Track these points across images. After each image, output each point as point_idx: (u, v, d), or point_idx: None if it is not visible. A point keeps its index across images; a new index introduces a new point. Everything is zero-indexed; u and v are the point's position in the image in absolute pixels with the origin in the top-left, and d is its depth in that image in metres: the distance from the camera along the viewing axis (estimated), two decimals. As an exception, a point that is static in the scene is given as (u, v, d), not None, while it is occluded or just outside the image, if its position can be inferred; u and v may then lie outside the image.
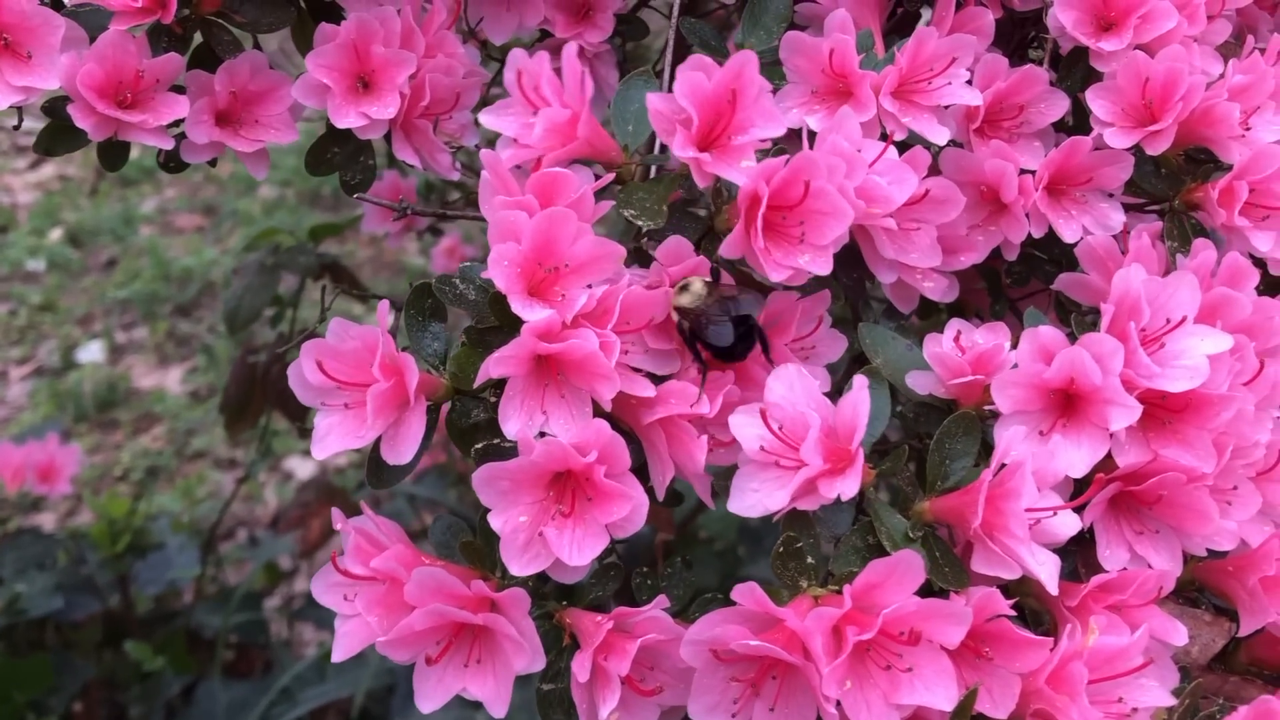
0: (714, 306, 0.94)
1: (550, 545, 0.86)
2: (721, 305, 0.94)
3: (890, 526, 0.92)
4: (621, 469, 0.87)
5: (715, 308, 0.94)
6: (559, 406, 0.89)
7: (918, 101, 1.12)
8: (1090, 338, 0.93)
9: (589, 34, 1.28)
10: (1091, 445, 0.94)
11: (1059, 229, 1.13)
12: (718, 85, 0.95)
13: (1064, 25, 1.16)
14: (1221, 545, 0.97)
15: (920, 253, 1.09)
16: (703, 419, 0.91)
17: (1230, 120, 1.11)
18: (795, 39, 1.11)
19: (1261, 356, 1.01)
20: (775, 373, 0.92)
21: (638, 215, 0.98)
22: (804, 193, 0.93)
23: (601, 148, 1.01)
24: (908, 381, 1.01)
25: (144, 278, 4.62)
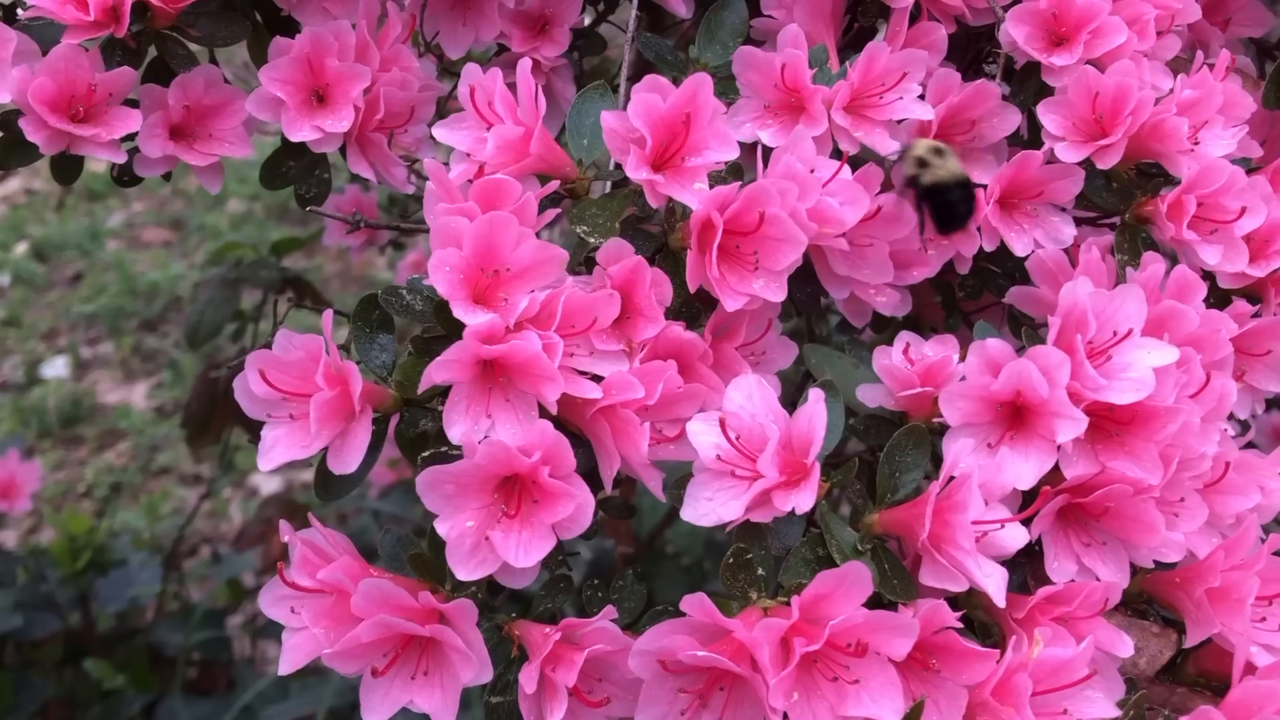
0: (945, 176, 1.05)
1: (497, 548, 0.86)
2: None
3: (840, 539, 0.92)
4: (566, 470, 0.87)
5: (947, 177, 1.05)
6: (504, 410, 0.89)
7: (870, 116, 1.12)
8: (1037, 351, 0.94)
9: (545, 49, 1.28)
10: (1039, 457, 0.94)
11: (1010, 243, 1.14)
12: (672, 107, 0.96)
13: (1016, 40, 1.17)
14: (1169, 557, 0.98)
15: (872, 269, 1.10)
16: (647, 409, 0.91)
17: (1179, 135, 1.12)
18: (748, 54, 1.11)
19: (1208, 369, 1.02)
20: (735, 382, 0.92)
21: (590, 231, 0.98)
22: (759, 221, 0.93)
23: (555, 163, 1.01)
24: (858, 394, 1.02)
25: (110, 292, 4.59)
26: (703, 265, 0.93)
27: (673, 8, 1.31)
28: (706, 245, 0.93)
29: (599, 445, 0.92)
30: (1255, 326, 1.12)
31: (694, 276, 0.94)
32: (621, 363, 0.94)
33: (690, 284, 0.94)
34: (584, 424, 0.92)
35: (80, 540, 2.76)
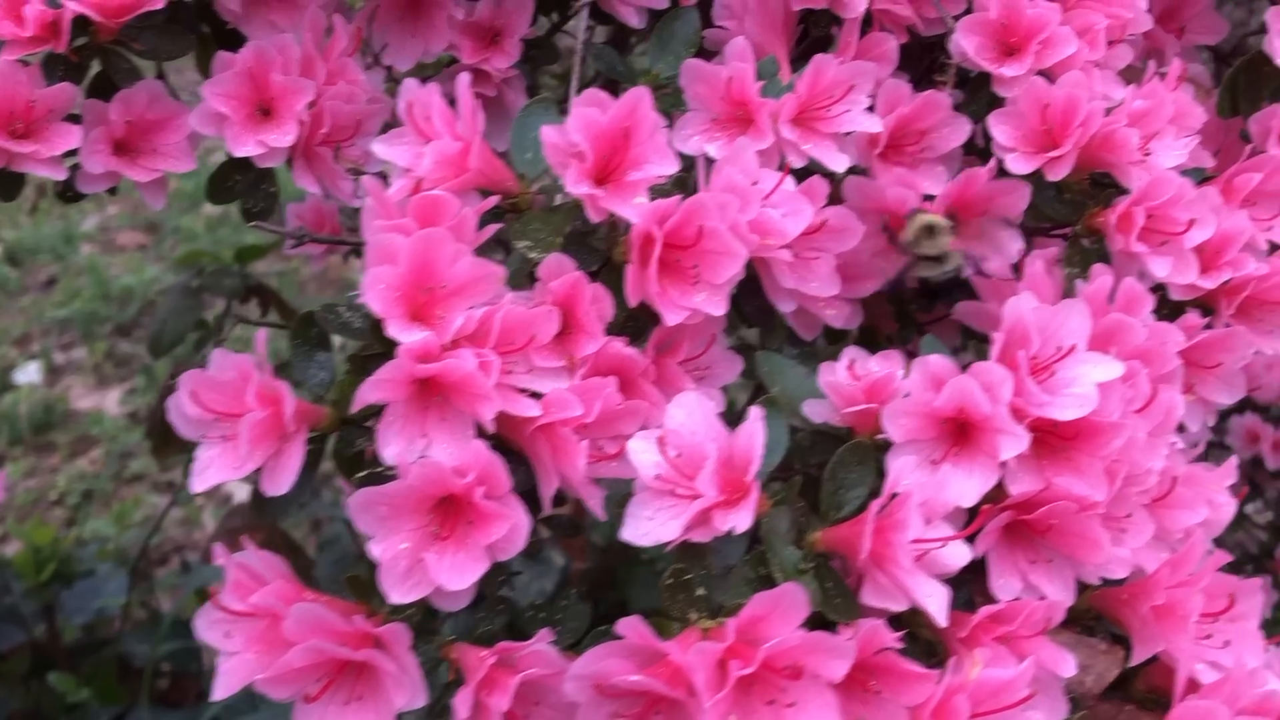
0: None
1: (429, 570, 0.85)
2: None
3: (782, 557, 0.91)
4: (502, 490, 0.86)
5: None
6: (440, 429, 0.88)
7: (818, 129, 1.12)
8: (979, 367, 0.93)
9: (496, 59, 1.27)
10: (983, 474, 0.93)
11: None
12: (612, 121, 0.95)
13: (966, 51, 1.17)
14: (1115, 574, 0.98)
15: (820, 281, 1.09)
16: (587, 426, 0.90)
17: (1129, 146, 1.11)
18: (694, 66, 1.10)
19: (1156, 383, 1.02)
20: (676, 399, 0.91)
21: (532, 246, 0.97)
22: (698, 235, 0.92)
23: (496, 178, 1.00)
24: (804, 409, 1.01)
25: (84, 297, 4.55)
26: (643, 279, 0.93)
27: (624, 17, 1.30)
28: (646, 259, 0.92)
29: (538, 463, 0.91)
30: (1206, 339, 1.12)
31: (634, 290, 0.93)
32: (562, 379, 0.93)
33: (630, 298, 0.93)
34: (524, 442, 0.91)
35: (45, 551, 2.73)
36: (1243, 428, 2.53)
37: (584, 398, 0.89)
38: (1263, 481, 2.65)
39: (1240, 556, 2.82)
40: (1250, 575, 2.56)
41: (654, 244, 0.92)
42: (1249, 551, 2.82)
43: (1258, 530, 2.84)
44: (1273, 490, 2.71)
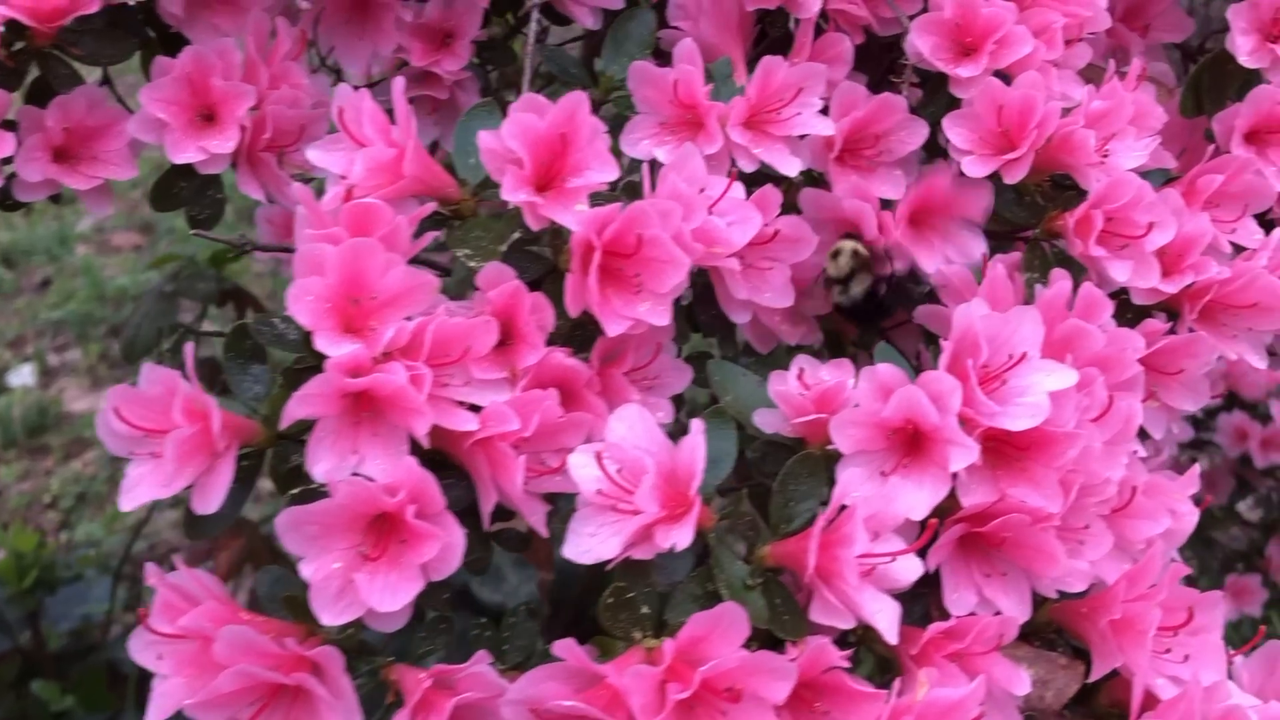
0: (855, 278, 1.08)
1: (360, 592, 0.82)
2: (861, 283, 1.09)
3: (730, 573, 0.89)
4: (435, 508, 0.84)
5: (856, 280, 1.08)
6: (373, 445, 0.85)
7: (770, 132, 1.09)
8: (928, 376, 0.91)
9: (447, 62, 1.24)
10: (933, 486, 0.91)
11: (920, 261, 1.12)
12: (550, 126, 0.93)
13: (922, 51, 1.14)
14: (1073, 587, 0.95)
15: (774, 292, 1.07)
16: (525, 441, 0.87)
17: (1087, 147, 1.09)
18: (641, 69, 1.08)
19: (1115, 390, 0.99)
20: (617, 412, 0.89)
21: (472, 255, 0.95)
22: (638, 243, 0.90)
23: (435, 184, 0.98)
24: (754, 420, 0.99)
25: (78, 298, 4.51)
26: (583, 288, 0.90)
27: (579, 18, 1.27)
28: (586, 268, 0.90)
29: (477, 478, 0.89)
30: (1167, 344, 1.10)
31: (574, 300, 0.91)
32: (502, 392, 0.91)
33: (571, 308, 0.91)
34: (462, 456, 0.89)
35: (28, 558, 2.71)
36: (1231, 425, 2.52)
37: (523, 411, 0.87)
38: (1252, 479, 2.64)
39: (1230, 554, 2.80)
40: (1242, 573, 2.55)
41: (594, 252, 0.90)
42: (1239, 549, 2.81)
43: (1249, 528, 2.83)
44: (1262, 487, 2.70)
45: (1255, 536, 2.77)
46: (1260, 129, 1.20)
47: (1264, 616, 2.80)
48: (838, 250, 1.09)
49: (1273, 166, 1.19)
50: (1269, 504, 2.73)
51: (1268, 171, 1.19)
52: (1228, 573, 2.73)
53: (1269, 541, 2.72)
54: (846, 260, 1.09)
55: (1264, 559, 2.71)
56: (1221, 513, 2.68)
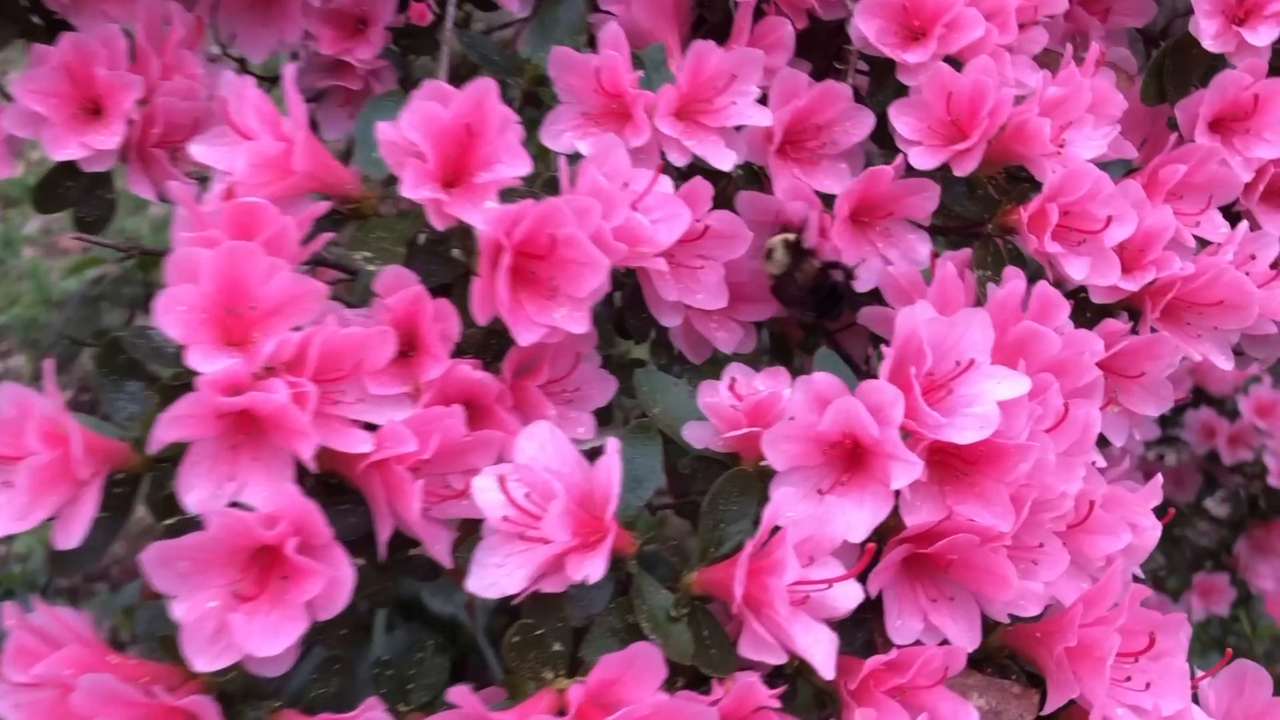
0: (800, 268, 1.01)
1: (235, 634, 0.74)
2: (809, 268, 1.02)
3: (652, 604, 0.82)
4: (321, 540, 0.76)
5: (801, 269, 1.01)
6: (254, 470, 0.77)
7: (703, 123, 1.02)
8: (868, 386, 0.83)
9: (360, 50, 1.16)
10: (874, 505, 0.84)
11: (859, 268, 1.04)
12: (455, 116, 0.85)
13: (867, 36, 1.07)
14: (1027, 610, 0.88)
15: (707, 293, 0.99)
16: (425, 463, 0.80)
17: (1041, 136, 1.02)
18: (562, 55, 1.00)
19: (1072, 396, 0.92)
20: (526, 430, 0.81)
21: (373, 257, 0.87)
22: (551, 243, 0.82)
23: (331, 181, 0.89)
24: (684, 434, 0.91)
25: (23, 302, 4.37)
26: (491, 293, 0.82)
27: (505, 3, 1.19)
28: (495, 270, 0.82)
29: (374, 504, 0.81)
30: (1128, 345, 1.03)
31: (482, 306, 0.83)
32: (402, 409, 0.83)
33: (479, 315, 0.83)
34: (357, 480, 0.81)
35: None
36: (1198, 422, 2.48)
37: (422, 430, 0.79)
38: (1219, 475, 2.61)
39: (1199, 552, 2.76)
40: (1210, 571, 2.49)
41: (503, 253, 0.82)
42: (1208, 548, 2.77)
43: (1217, 524, 2.79)
44: (1230, 484, 2.66)
45: (1224, 534, 2.72)
46: (1225, 116, 1.13)
47: (1232, 615, 2.76)
48: (770, 248, 1.02)
49: (1238, 156, 1.12)
50: (1237, 500, 2.69)
51: (1233, 161, 1.12)
52: (1196, 571, 2.68)
53: (1237, 539, 2.68)
54: (782, 253, 1.01)
55: (1232, 557, 2.66)
56: (1189, 510, 2.64)
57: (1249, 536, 2.66)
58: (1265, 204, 1.14)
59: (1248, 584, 2.67)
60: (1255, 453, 2.47)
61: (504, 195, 0.87)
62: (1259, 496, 2.59)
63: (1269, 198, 1.14)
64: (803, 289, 1.02)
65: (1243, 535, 2.68)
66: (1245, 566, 2.66)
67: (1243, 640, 2.96)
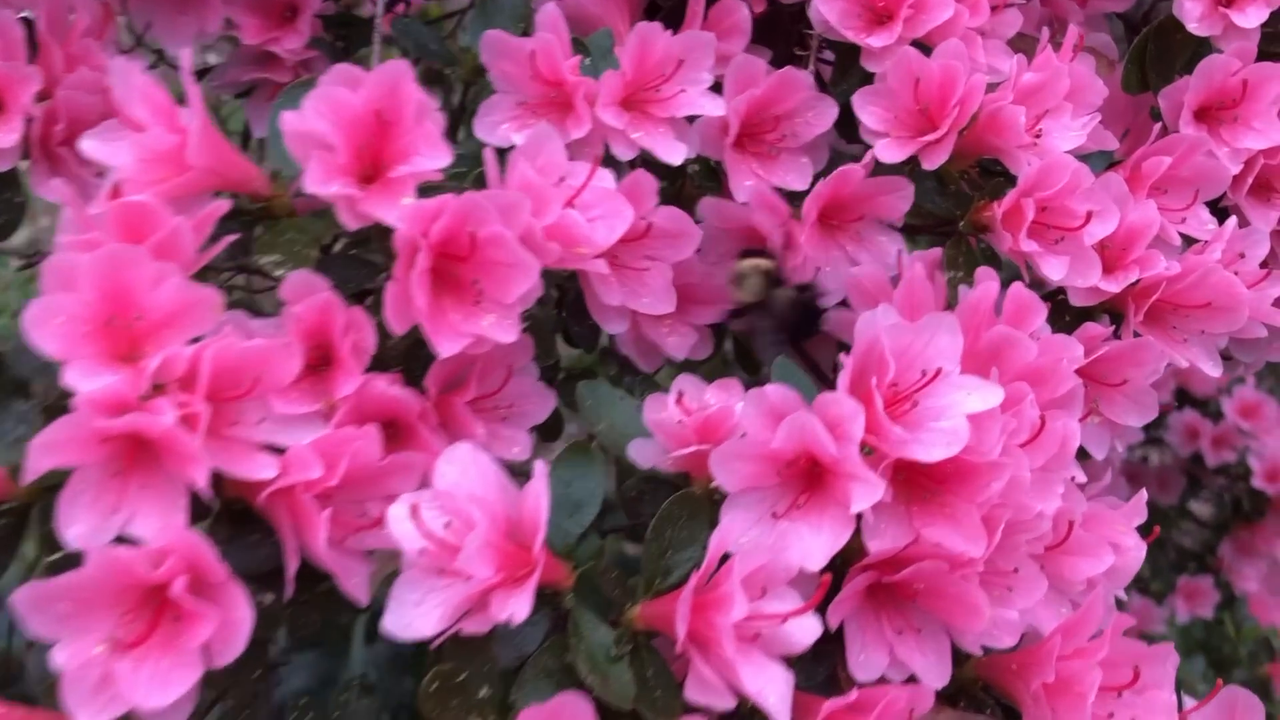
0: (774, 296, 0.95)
1: (120, 684, 0.66)
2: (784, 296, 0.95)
3: (590, 642, 0.74)
4: (216, 577, 0.68)
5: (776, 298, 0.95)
6: (144, 500, 0.69)
7: (652, 113, 0.94)
8: (825, 399, 0.76)
9: (287, 39, 1.08)
10: (834, 529, 0.76)
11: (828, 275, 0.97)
12: (367, 103, 0.77)
13: (828, 19, 1.00)
14: (1001, 641, 0.81)
15: (653, 297, 0.92)
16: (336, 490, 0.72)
17: (1016, 126, 0.95)
18: (495, 39, 0.92)
19: (1048, 408, 0.85)
20: (447, 453, 0.73)
21: (283, 261, 0.79)
22: (471, 243, 0.75)
23: (237, 177, 0.82)
24: (629, 452, 0.84)
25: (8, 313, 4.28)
26: (406, 299, 0.74)
27: (444, -11, 1.11)
28: (412, 273, 0.74)
29: (281, 533, 0.73)
30: (1110, 351, 0.96)
31: (398, 313, 0.75)
32: (312, 429, 0.75)
33: (395, 323, 0.75)
34: (262, 508, 0.73)
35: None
36: (1182, 424, 2.42)
37: (330, 453, 0.71)
38: (1203, 477, 2.56)
39: (1183, 553, 2.71)
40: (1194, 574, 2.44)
41: (416, 255, 0.74)
42: (1192, 550, 2.73)
43: (1201, 526, 2.74)
44: (1213, 486, 2.62)
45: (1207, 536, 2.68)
46: (1211, 105, 1.06)
47: (1216, 618, 2.72)
48: (742, 274, 0.94)
49: (1225, 147, 1.05)
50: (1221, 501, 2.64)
51: (1220, 152, 1.05)
52: (1180, 573, 2.64)
53: (1220, 541, 2.63)
54: (756, 281, 0.94)
55: (1216, 558, 2.61)
56: (1174, 512, 2.59)
57: (1233, 538, 2.62)
58: (1254, 198, 1.07)
59: (1231, 586, 2.63)
60: (1239, 454, 2.42)
61: (425, 190, 0.79)
62: (1243, 498, 2.54)
63: (1258, 191, 1.08)
64: (778, 318, 0.94)
65: (1227, 537, 2.64)
66: (1229, 568, 2.62)
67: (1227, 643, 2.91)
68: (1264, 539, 2.57)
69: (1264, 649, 2.92)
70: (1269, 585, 2.69)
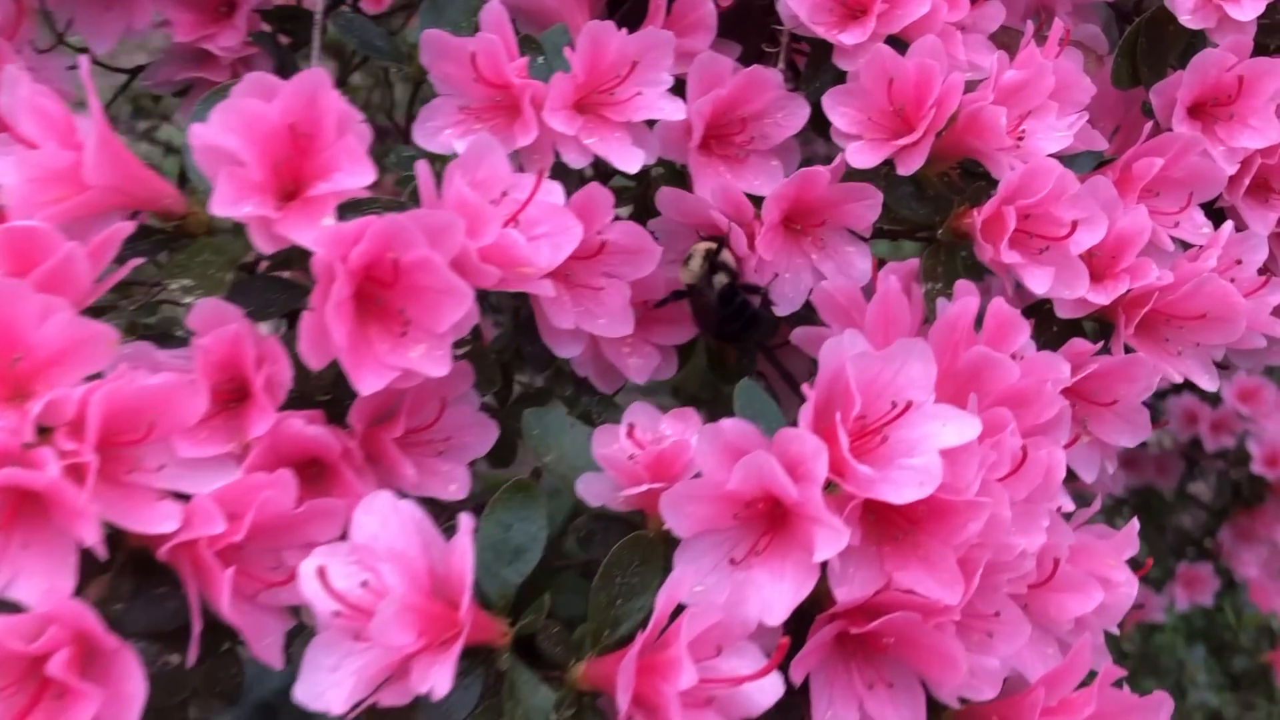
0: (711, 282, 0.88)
1: None
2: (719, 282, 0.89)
3: (528, 705, 0.68)
4: (106, 645, 0.61)
5: (713, 284, 0.88)
6: (27, 560, 0.63)
7: (607, 117, 0.87)
8: (786, 436, 0.69)
9: (223, 36, 1.01)
10: (797, 576, 0.70)
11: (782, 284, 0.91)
12: (283, 114, 0.70)
13: (798, 14, 0.93)
14: (981, 693, 0.75)
15: (610, 317, 0.85)
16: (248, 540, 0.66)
17: (998, 128, 0.88)
18: (434, 39, 0.86)
19: (1031, 435, 0.79)
20: (365, 503, 0.67)
21: (194, 286, 0.73)
22: (394, 269, 0.68)
23: (145, 194, 0.75)
24: (579, 489, 0.77)
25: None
26: (320, 331, 0.68)
27: (390, -19, 1.04)
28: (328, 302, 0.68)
29: (187, 589, 0.67)
30: (1099, 369, 0.89)
31: (313, 346, 0.68)
32: (225, 473, 0.69)
33: (310, 358, 0.69)
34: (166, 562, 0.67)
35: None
36: (1180, 408, 2.38)
37: (238, 501, 0.65)
38: (1202, 461, 2.53)
39: (1182, 536, 2.69)
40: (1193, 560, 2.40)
41: (336, 282, 0.67)
42: (1191, 535, 2.70)
43: (1201, 508, 2.71)
44: (1212, 471, 2.59)
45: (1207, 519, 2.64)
46: (1206, 101, 0.99)
47: (1216, 606, 2.69)
48: (690, 255, 0.88)
49: (1221, 146, 0.99)
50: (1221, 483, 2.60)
51: (1215, 152, 0.98)
52: (1179, 557, 2.60)
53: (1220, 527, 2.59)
54: (699, 262, 0.88)
55: (1215, 541, 2.57)
56: (1173, 496, 2.56)
57: (1233, 524, 2.58)
58: (1251, 199, 1.01)
59: (1231, 572, 2.60)
60: (1238, 439, 2.38)
61: (355, 209, 0.73)
62: (1242, 483, 2.51)
63: (1256, 192, 1.01)
64: (704, 308, 0.88)
65: (1226, 522, 2.60)
66: (1229, 554, 2.58)
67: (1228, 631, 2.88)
68: (1264, 524, 2.54)
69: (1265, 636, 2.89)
70: (1269, 570, 2.66)
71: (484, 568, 0.71)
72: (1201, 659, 2.79)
